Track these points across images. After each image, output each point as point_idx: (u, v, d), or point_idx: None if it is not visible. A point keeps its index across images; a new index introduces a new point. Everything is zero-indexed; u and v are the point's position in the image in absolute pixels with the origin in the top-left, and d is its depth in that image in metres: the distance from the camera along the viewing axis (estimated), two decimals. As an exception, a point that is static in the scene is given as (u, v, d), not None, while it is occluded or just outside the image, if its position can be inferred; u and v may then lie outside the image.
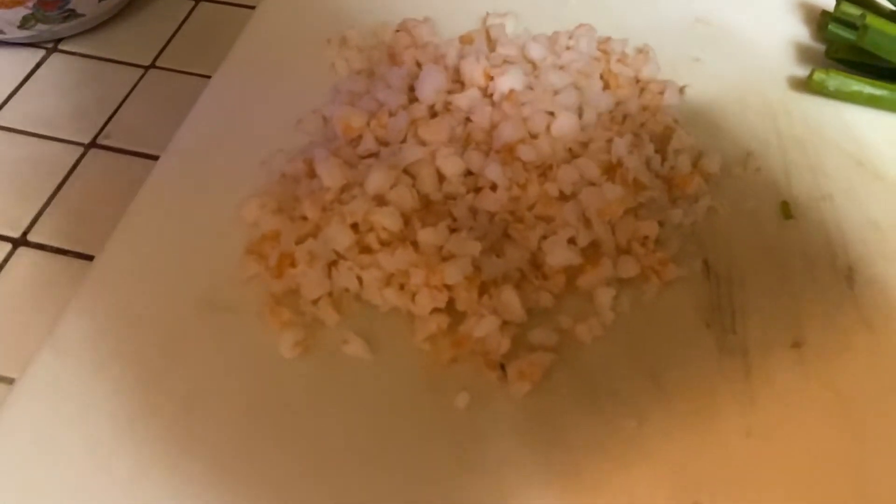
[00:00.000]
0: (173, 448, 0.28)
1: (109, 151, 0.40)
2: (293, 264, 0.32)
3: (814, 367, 0.30)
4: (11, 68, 0.44)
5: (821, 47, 0.41)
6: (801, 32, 0.42)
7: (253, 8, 0.45)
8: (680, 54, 0.41)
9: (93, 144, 0.40)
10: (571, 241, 0.32)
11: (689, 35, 0.42)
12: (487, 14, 0.42)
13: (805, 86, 0.38)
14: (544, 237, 0.32)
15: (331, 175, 0.33)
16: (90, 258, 0.35)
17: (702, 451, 0.28)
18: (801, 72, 0.40)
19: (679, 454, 0.28)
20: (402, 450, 0.28)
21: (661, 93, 0.37)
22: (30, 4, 0.38)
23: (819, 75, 0.38)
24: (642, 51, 0.40)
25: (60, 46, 0.45)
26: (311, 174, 0.34)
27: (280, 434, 0.29)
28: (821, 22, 0.41)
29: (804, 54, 0.41)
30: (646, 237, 0.32)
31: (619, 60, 0.38)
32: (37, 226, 0.37)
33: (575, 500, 0.27)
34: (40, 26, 0.41)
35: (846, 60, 0.39)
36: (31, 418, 0.29)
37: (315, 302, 0.31)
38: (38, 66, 0.44)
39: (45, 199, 0.38)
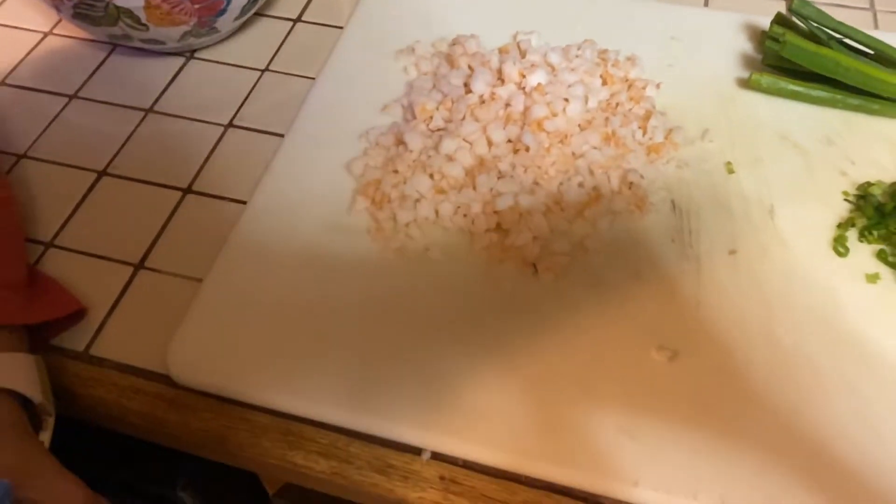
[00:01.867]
0: (317, 319, 0.43)
1: (243, 130, 0.54)
2: (390, 201, 0.47)
3: (744, 267, 0.45)
4: (163, 71, 0.58)
5: (760, 57, 0.56)
6: (747, 46, 0.57)
7: (340, 28, 0.61)
8: (659, 62, 0.55)
9: (230, 125, 0.55)
10: (581, 185, 0.47)
11: (665, 48, 0.57)
12: (517, 32, 0.57)
13: (747, 84, 0.53)
14: (562, 183, 0.47)
15: (414, 142, 0.48)
16: (242, 202, 0.49)
17: (666, 315, 0.42)
18: (746, 74, 0.54)
19: (651, 318, 0.42)
20: (467, 318, 0.43)
21: (644, 88, 0.52)
22: (191, 23, 0.53)
23: (756, 76, 0.53)
24: (630, 58, 0.54)
25: (196, 55, 0.60)
26: (399, 142, 0.49)
27: (385, 311, 0.43)
28: (761, 39, 0.56)
29: (748, 62, 0.56)
30: (631, 183, 0.47)
31: (613, 65, 0.53)
32: (197, 180, 0.52)
33: (579, 343, 0.41)
34: (191, 40, 0.56)
35: (777, 66, 0.54)
36: (215, 308, 0.44)
37: (407, 225, 0.46)
38: (181, 69, 0.59)
39: (201, 162, 0.52)
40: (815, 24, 0.52)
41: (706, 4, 0.63)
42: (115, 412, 0.42)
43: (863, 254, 0.45)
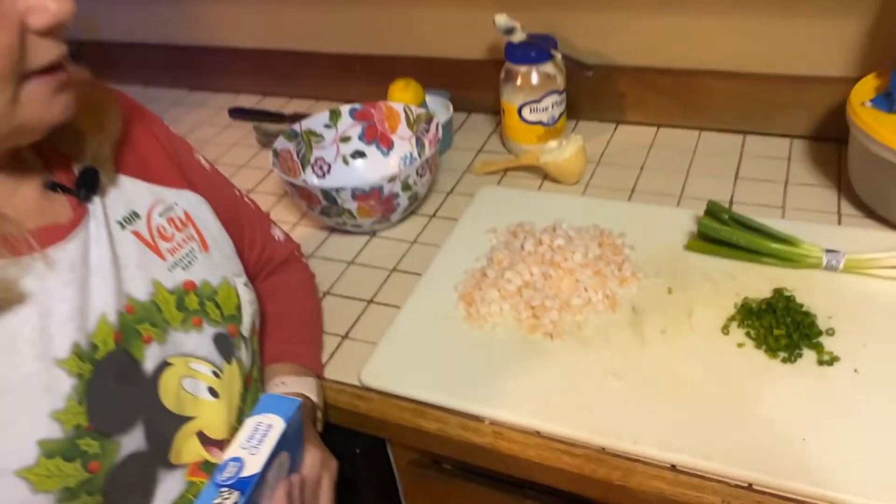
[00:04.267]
0: (433, 352, 0.82)
1: (401, 273, 0.98)
2: (476, 303, 0.87)
3: (668, 339, 0.80)
4: (360, 242, 1.04)
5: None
6: (694, 227, 0.95)
7: (456, 219, 1.05)
8: (641, 234, 0.95)
9: (394, 270, 0.98)
10: (579, 296, 0.85)
11: (647, 227, 0.96)
12: (557, 219, 0.98)
13: (686, 246, 0.91)
14: (569, 295, 0.85)
15: (490, 274, 0.89)
16: (398, 307, 0.91)
17: (619, 360, 0.78)
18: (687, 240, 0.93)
19: (611, 361, 0.78)
20: (512, 360, 0.80)
21: (623, 248, 0.91)
22: (378, 217, 0.99)
23: (690, 242, 0.91)
24: (621, 234, 0.94)
25: (377, 234, 1.06)
26: (483, 275, 0.90)
27: (469, 354, 0.82)
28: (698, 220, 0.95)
29: (692, 234, 0.94)
30: (607, 296, 0.85)
31: (607, 237, 0.93)
32: (377, 295, 0.94)
33: (569, 372, 0.77)
34: (375, 226, 1.02)
35: (706, 237, 0.91)
36: (382, 353, 0.84)
37: (483, 315, 0.85)
38: (368, 241, 1.05)
39: (376, 289, 0.95)
40: (724, 214, 0.90)
41: (678, 205, 1.03)
42: (339, 404, 0.81)
43: (738, 334, 0.79)
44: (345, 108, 1.13)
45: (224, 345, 0.70)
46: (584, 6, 1.17)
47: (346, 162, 1.14)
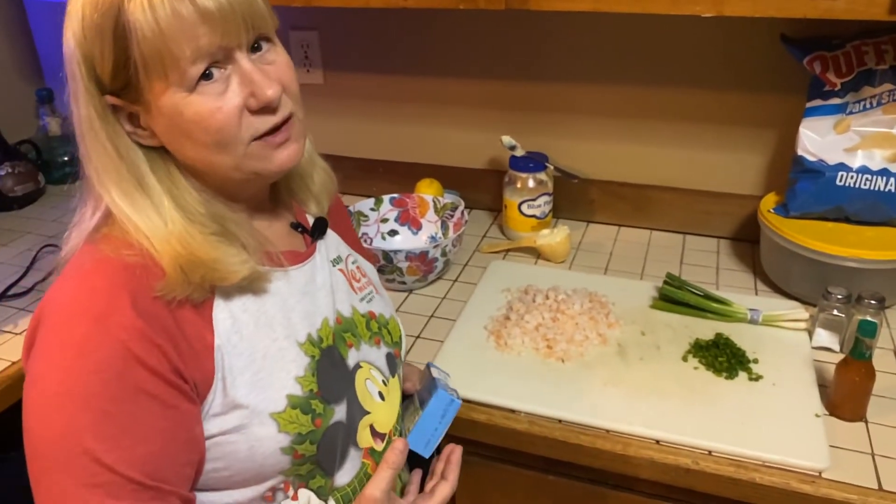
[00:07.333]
0: (473, 372, 1.09)
1: (437, 318, 1.25)
2: (502, 336, 1.15)
3: (646, 361, 1.10)
4: (402, 296, 1.31)
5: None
6: (654, 293, 1.28)
7: (475, 283, 1.34)
8: (618, 299, 1.26)
9: (432, 316, 1.25)
10: (579, 334, 1.15)
11: (622, 293, 1.28)
12: (554, 285, 1.29)
13: (652, 305, 1.23)
14: (573, 332, 1.15)
15: (512, 316, 1.18)
16: (441, 341, 1.17)
17: (609, 369, 1.07)
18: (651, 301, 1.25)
19: (604, 371, 1.07)
20: (528, 378, 1.08)
21: (607, 305, 1.22)
22: (419, 276, 1.27)
23: (655, 302, 1.23)
24: (604, 295, 1.26)
25: (413, 292, 1.33)
26: (507, 318, 1.19)
27: (500, 375, 1.09)
28: (659, 287, 1.27)
29: (654, 297, 1.26)
30: (600, 334, 1.15)
31: (594, 296, 1.24)
32: (423, 331, 1.21)
33: (577, 382, 1.06)
34: (415, 284, 1.29)
35: (667, 298, 1.24)
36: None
37: (507, 344, 1.13)
38: (407, 297, 1.32)
39: (420, 329, 1.22)
40: (678, 283, 1.24)
41: (640, 279, 1.36)
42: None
43: (693, 361, 1.10)
44: (386, 197, 1.43)
45: (391, 362, 0.92)
46: (566, 134, 1.54)
47: (384, 238, 1.43)
